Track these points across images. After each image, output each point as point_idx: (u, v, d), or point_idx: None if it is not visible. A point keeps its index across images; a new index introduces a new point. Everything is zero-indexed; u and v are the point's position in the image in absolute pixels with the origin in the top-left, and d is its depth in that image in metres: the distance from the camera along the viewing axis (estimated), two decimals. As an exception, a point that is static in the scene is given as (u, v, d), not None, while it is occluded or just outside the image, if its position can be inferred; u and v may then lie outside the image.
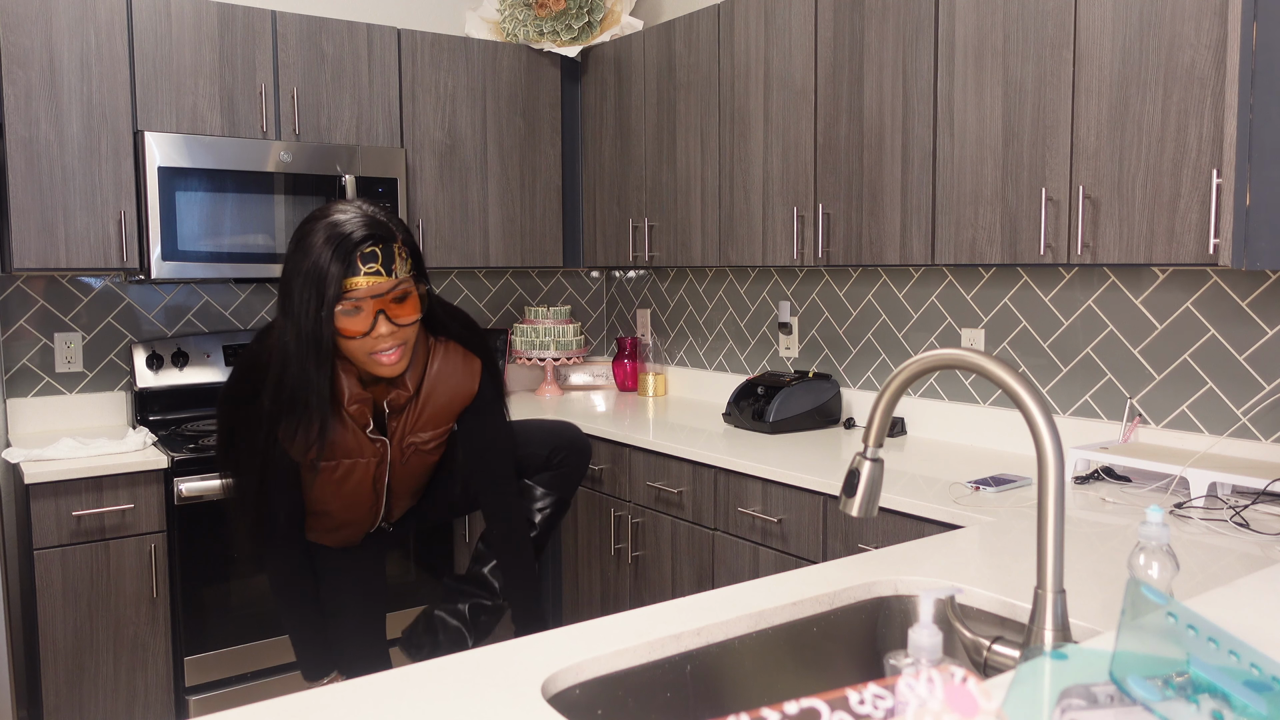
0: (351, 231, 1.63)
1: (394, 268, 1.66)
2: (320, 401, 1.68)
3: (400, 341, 1.69)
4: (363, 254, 1.62)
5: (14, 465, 2.90)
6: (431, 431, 1.92)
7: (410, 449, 1.92)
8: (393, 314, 1.66)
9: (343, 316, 1.64)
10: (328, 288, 1.60)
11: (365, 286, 1.62)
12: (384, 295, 1.65)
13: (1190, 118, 2.05)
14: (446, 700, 1.16)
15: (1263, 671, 0.89)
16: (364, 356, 1.68)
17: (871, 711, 0.62)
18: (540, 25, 3.76)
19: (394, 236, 1.68)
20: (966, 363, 1.21)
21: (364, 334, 1.65)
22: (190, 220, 3.05)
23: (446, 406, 1.92)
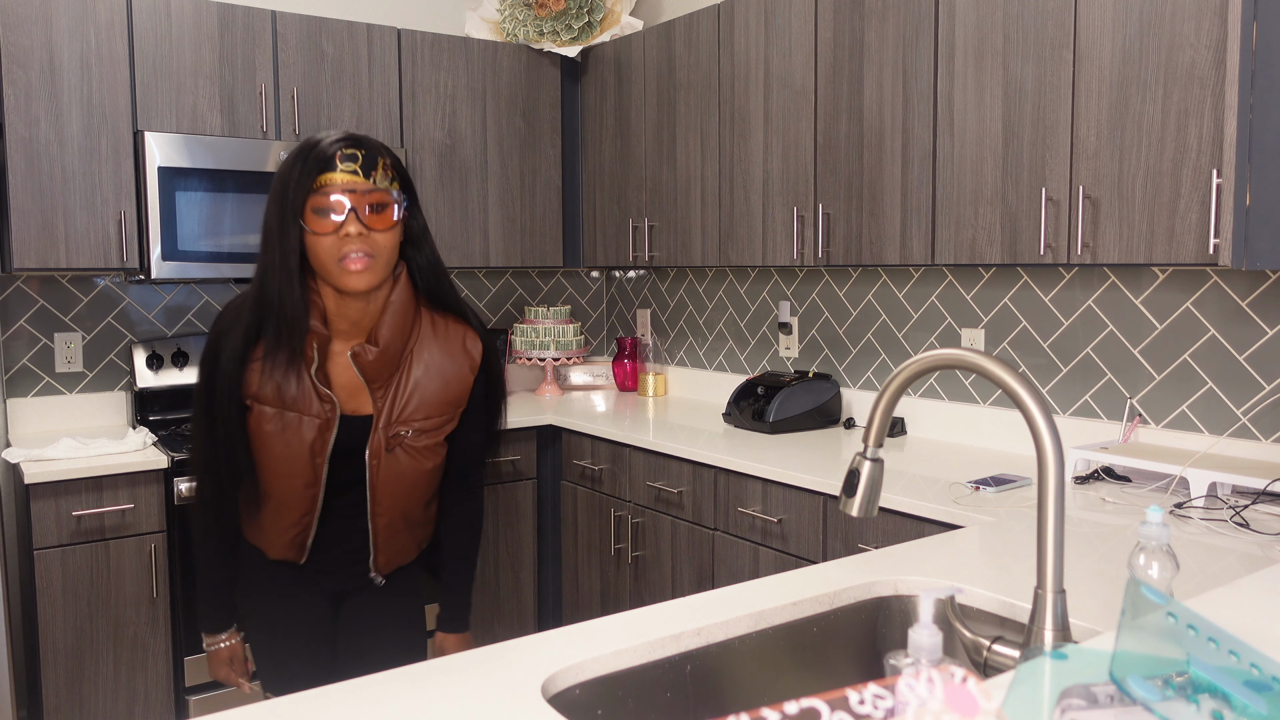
0: (329, 136, 1.58)
1: (374, 175, 1.58)
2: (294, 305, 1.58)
3: (370, 250, 1.56)
4: (342, 153, 1.56)
5: (14, 465, 2.90)
6: (420, 422, 1.72)
7: (396, 439, 1.71)
8: (366, 218, 1.56)
9: (314, 215, 1.55)
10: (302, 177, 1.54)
11: (340, 182, 1.54)
12: (359, 194, 1.55)
13: (1190, 118, 2.05)
14: (446, 700, 1.16)
15: (1263, 671, 0.89)
16: (332, 264, 1.56)
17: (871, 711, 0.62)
18: (540, 25, 3.76)
19: (380, 151, 1.61)
20: (966, 363, 1.21)
21: (331, 232, 1.54)
22: (190, 220, 3.04)
23: (438, 395, 1.73)
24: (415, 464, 1.74)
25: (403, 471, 1.73)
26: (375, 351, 1.66)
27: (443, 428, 1.75)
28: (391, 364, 1.69)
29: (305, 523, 1.72)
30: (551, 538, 3.63)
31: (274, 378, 1.62)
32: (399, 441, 1.71)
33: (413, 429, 1.72)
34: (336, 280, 1.58)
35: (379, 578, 1.84)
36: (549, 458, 3.59)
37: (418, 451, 1.74)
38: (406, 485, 1.75)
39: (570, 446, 3.47)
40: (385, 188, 1.59)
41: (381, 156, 1.60)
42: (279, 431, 1.65)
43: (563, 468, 3.53)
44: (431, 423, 1.73)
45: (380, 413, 1.70)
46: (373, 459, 1.71)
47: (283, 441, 1.65)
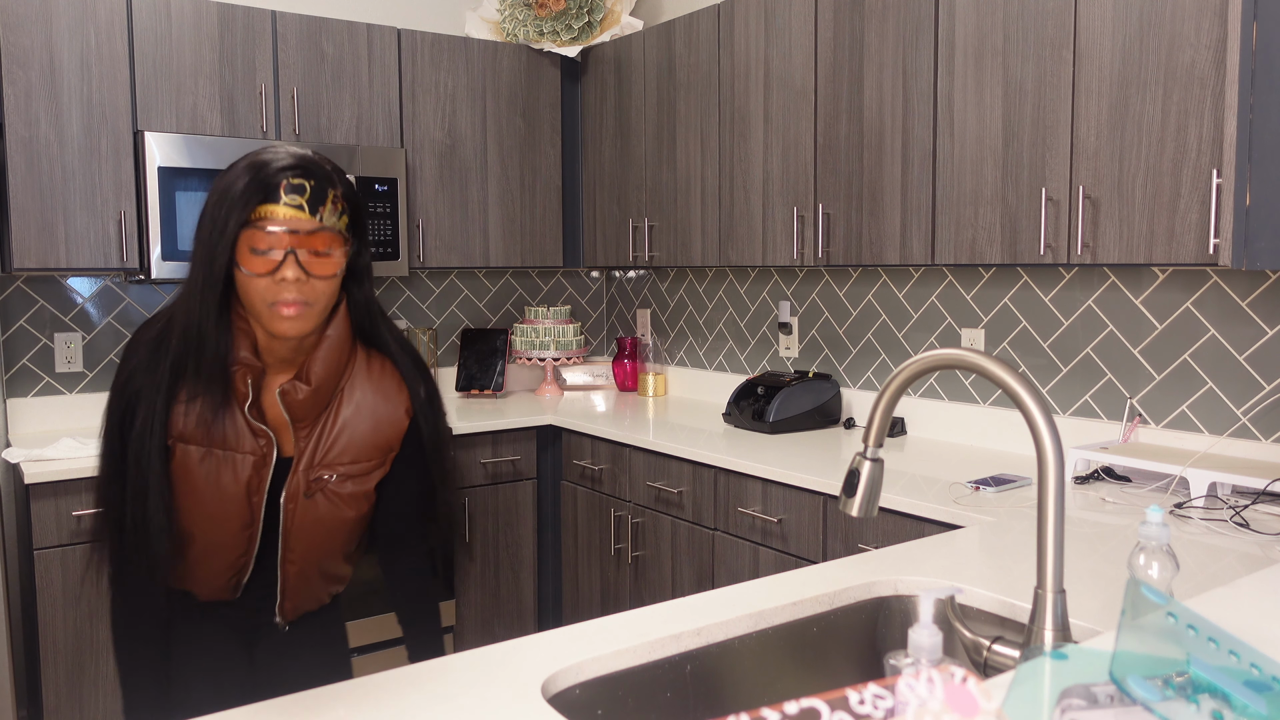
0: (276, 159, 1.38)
1: (321, 211, 1.38)
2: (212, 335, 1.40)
3: (306, 299, 1.38)
4: (288, 183, 1.36)
5: (14, 465, 2.90)
6: (347, 466, 1.55)
7: (318, 483, 1.54)
8: (306, 262, 1.37)
9: (249, 253, 1.36)
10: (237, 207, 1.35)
11: (281, 216, 1.35)
12: (300, 234, 1.36)
13: (1190, 118, 2.05)
14: (447, 700, 1.16)
15: (1263, 671, 0.89)
16: (263, 306, 1.38)
17: (871, 711, 0.62)
18: (540, 25, 3.76)
19: (331, 181, 1.41)
20: (966, 363, 1.21)
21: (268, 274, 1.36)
22: (190, 220, 3.04)
23: (368, 438, 1.56)
24: (335, 512, 1.57)
25: (320, 518, 1.56)
26: (306, 390, 1.50)
27: (371, 474, 1.58)
28: (321, 402, 1.53)
29: (242, 563, 1.57)
30: (551, 538, 3.63)
31: (203, 416, 1.45)
32: (320, 486, 1.55)
33: (337, 473, 1.55)
34: (265, 324, 1.41)
35: (284, 624, 1.69)
36: (549, 458, 3.59)
37: (340, 499, 1.56)
38: (322, 534, 1.58)
39: (570, 446, 3.47)
40: (332, 227, 1.40)
41: (332, 187, 1.41)
42: (210, 472, 1.48)
43: (563, 468, 3.53)
44: (359, 468, 1.56)
45: (302, 454, 1.53)
46: (289, 503, 1.53)
47: (214, 483, 1.48)
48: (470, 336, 4.00)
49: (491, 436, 3.44)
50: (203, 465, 1.47)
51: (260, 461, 1.50)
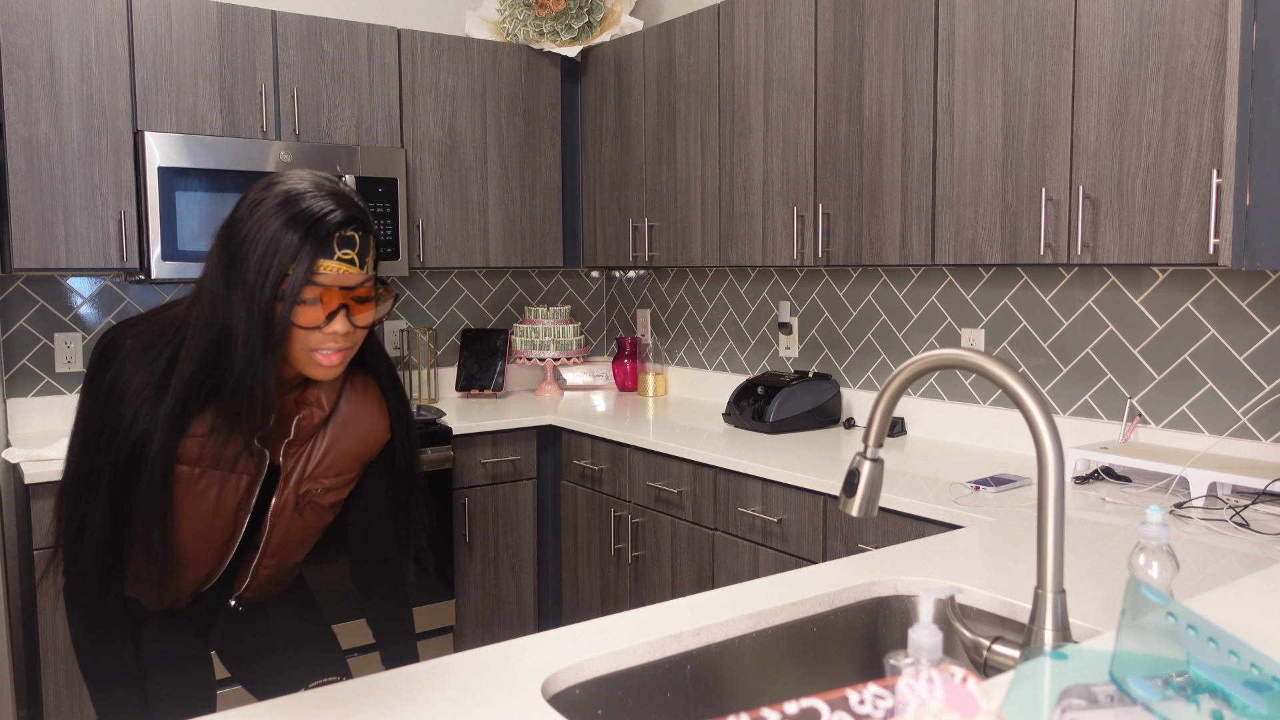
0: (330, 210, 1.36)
1: (367, 262, 1.39)
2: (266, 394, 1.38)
3: (349, 345, 1.40)
4: (341, 237, 1.35)
5: (14, 465, 2.90)
6: (333, 479, 1.58)
7: (307, 497, 1.57)
8: (354, 313, 1.38)
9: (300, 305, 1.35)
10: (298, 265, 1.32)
11: (335, 274, 1.35)
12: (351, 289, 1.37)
13: (1190, 118, 2.05)
14: (447, 700, 1.16)
15: (1263, 671, 0.89)
16: (303, 353, 1.38)
17: (871, 711, 0.62)
18: (540, 25, 3.76)
19: (370, 227, 1.42)
20: (966, 363, 1.21)
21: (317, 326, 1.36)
22: (190, 220, 3.05)
23: (354, 452, 1.60)
24: (317, 520, 1.61)
25: (304, 527, 1.60)
26: (321, 415, 1.54)
27: (349, 485, 1.62)
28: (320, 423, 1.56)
29: (210, 577, 1.58)
30: (551, 538, 3.63)
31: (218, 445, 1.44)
32: (308, 500, 1.57)
33: (323, 486, 1.58)
34: (302, 368, 1.40)
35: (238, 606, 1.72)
36: (549, 458, 3.59)
37: (322, 508, 1.60)
38: (299, 540, 1.63)
39: (570, 446, 3.47)
40: (373, 276, 1.41)
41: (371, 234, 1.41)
42: (202, 492, 1.47)
43: (563, 468, 3.53)
44: (340, 480, 1.60)
45: (292, 472, 1.54)
46: (275, 517, 1.56)
47: (205, 502, 1.48)
48: (470, 336, 4.00)
49: (491, 436, 3.44)
50: (198, 485, 1.46)
51: (253, 479, 1.50)
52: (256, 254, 1.34)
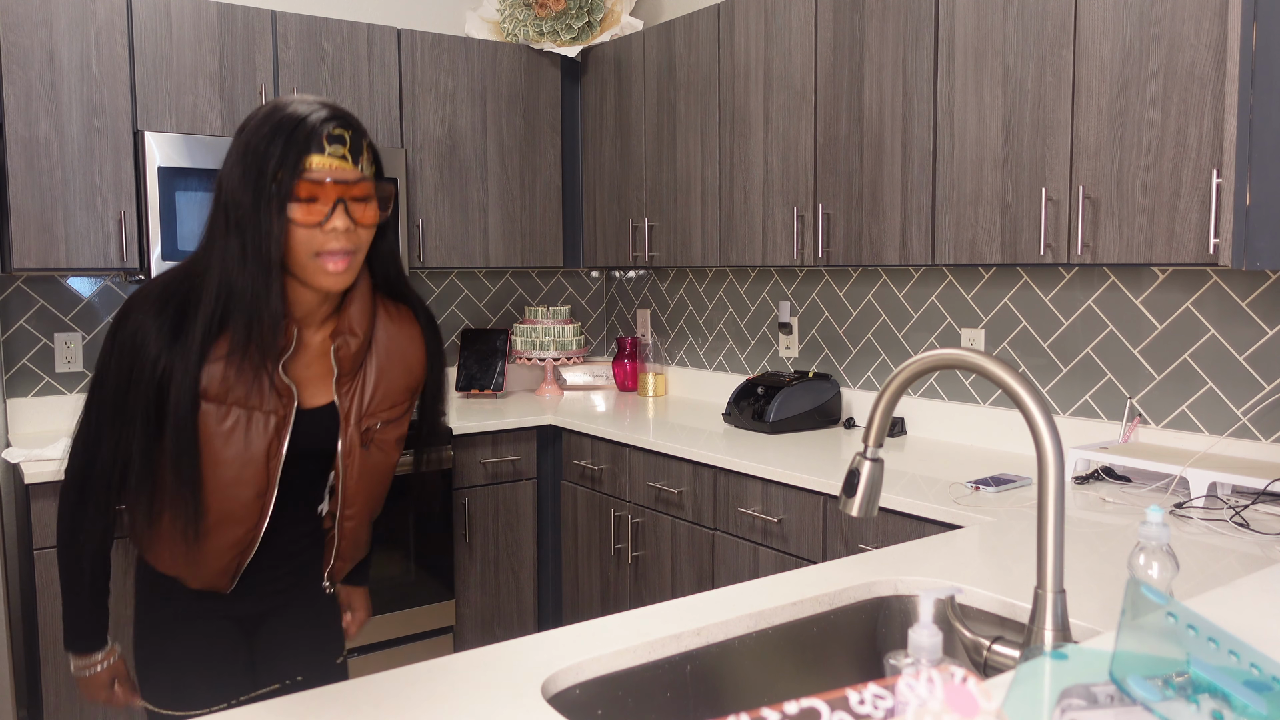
0: (312, 112, 1.36)
1: (362, 161, 1.39)
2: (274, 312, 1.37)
3: (352, 247, 1.38)
4: (330, 134, 1.35)
5: (14, 465, 2.90)
6: (388, 412, 1.56)
7: (369, 434, 1.54)
8: (353, 210, 1.37)
9: (295, 203, 1.34)
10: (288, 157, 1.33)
11: (328, 168, 1.34)
12: (346, 184, 1.35)
13: (1190, 118, 2.05)
14: (446, 700, 1.16)
15: (1263, 671, 0.89)
16: (308, 258, 1.36)
17: (871, 711, 0.62)
18: (540, 25, 3.76)
19: (363, 132, 1.41)
20: (966, 363, 1.21)
21: (318, 224, 1.34)
22: (190, 220, 3.05)
23: (402, 382, 1.58)
24: (386, 459, 1.58)
25: (374, 468, 1.57)
26: (357, 341, 1.49)
27: (405, 416, 1.60)
28: (361, 354, 1.52)
29: (249, 539, 1.49)
30: (551, 538, 3.63)
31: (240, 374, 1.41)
32: (372, 437, 1.54)
33: (381, 420, 1.55)
34: (309, 277, 1.39)
35: (330, 586, 1.67)
36: (549, 458, 3.59)
37: (390, 445, 1.58)
38: (374, 484, 1.58)
39: (570, 446, 3.47)
40: (370, 176, 1.41)
41: (364, 138, 1.42)
42: (228, 432, 1.42)
43: (563, 468, 3.54)
44: (396, 411, 1.57)
45: (350, 409, 1.51)
46: (346, 458, 1.52)
47: (232, 444, 1.42)
48: (470, 336, 4.00)
49: (491, 436, 3.44)
50: (222, 425, 1.41)
51: (281, 422, 1.45)
52: (247, 165, 1.36)
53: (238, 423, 1.42)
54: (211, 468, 1.42)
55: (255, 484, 1.45)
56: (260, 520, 1.49)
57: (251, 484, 1.45)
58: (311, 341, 1.49)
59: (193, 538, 1.44)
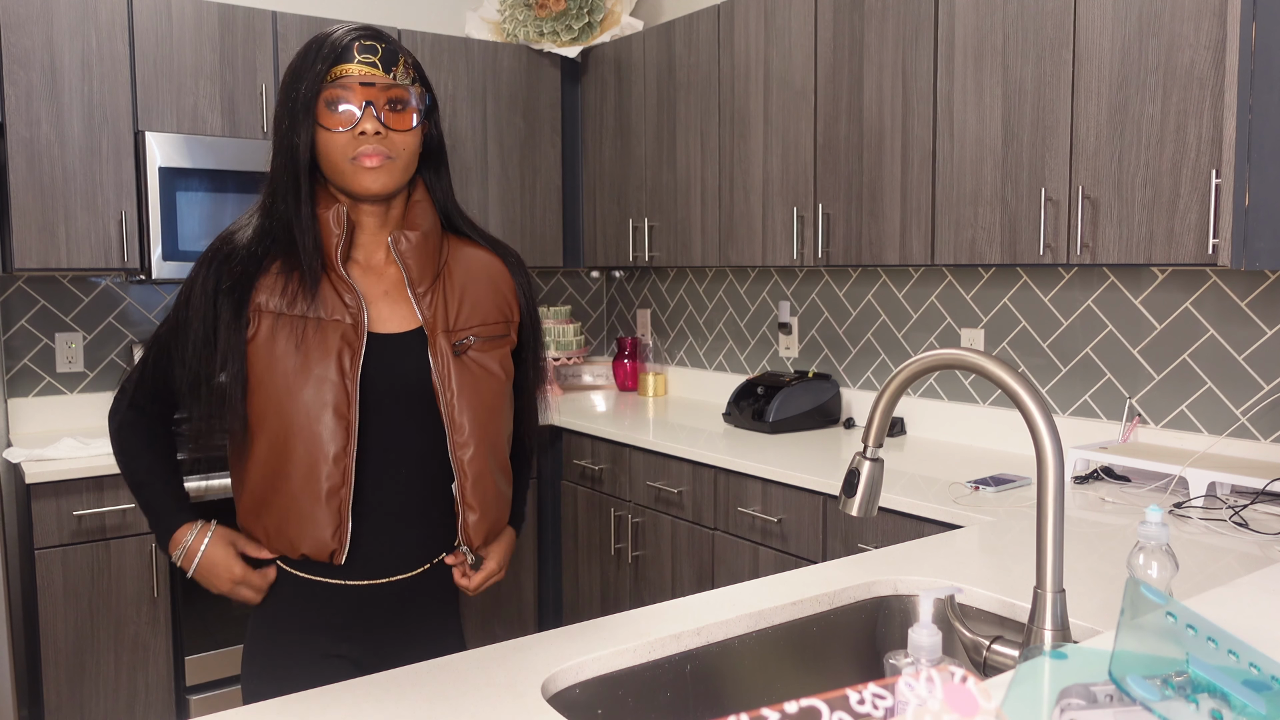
0: (342, 28, 1.39)
1: (395, 70, 1.37)
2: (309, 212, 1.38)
3: (387, 151, 1.36)
4: (360, 44, 1.36)
5: (15, 465, 2.90)
6: (478, 327, 1.46)
7: (465, 346, 1.44)
8: (385, 117, 1.36)
9: (327, 110, 1.35)
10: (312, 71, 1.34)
11: (356, 73, 1.34)
12: (377, 88, 1.35)
13: (1189, 118, 2.05)
14: (446, 699, 1.16)
15: (1262, 671, 0.89)
16: (344, 163, 1.36)
17: (871, 711, 0.62)
18: (540, 26, 3.76)
19: (401, 50, 1.40)
20: (966, 363, 1.21)
21: (347, 128, 1.34)
22: (191, 220, 3.05)
23: (490, 298, 1.49)
24: (491, 380, 1.45)
25: (478, 386, 1.44)
26: (416, 235, 1.42)
27: (504, 336, 1.50)
28: (433, 261, 1.45)
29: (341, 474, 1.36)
30: (551, 538, 3.63)
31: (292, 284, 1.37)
32: (465, 349, 1.44)
33: (472, 335, 1.46)
34: (349, 181, 1.37)
35: (470, 554, 1.49)
36: (549, 457, 3.59)
37: (491, 365, 1.46)
38: (482, 404, 1.44)
39: (570, 446, 3.47)
40: (405, 84, 1.38)
41: (402, 54, 1.40)
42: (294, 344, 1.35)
43: (563, 468, 3.54)
44: (489, 329, 1.48)
45: (434, 319, 1.43)
46: (440, 369, 1.41)
47: (299, 357, 1.35)
48: (470, 336, 4.00)
49: (492, 436, 3.44)
50: (284, 334, 1.36)
51: (351, 332, 1.37)
52: (285, 83, 1.38)
53: (302, 330, 1.36)
54: (282, 384, 1.35)
55: (334, 398, 1.36)
56: (348, 445, 1.37)
57: (329, 398, 1.35)
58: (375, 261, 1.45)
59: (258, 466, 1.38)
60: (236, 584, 1.42)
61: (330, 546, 1.39)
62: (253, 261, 1.39)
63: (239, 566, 1.43)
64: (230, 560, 1.43)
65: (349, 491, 1.38)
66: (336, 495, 1.38)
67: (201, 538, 1.44)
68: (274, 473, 1.38)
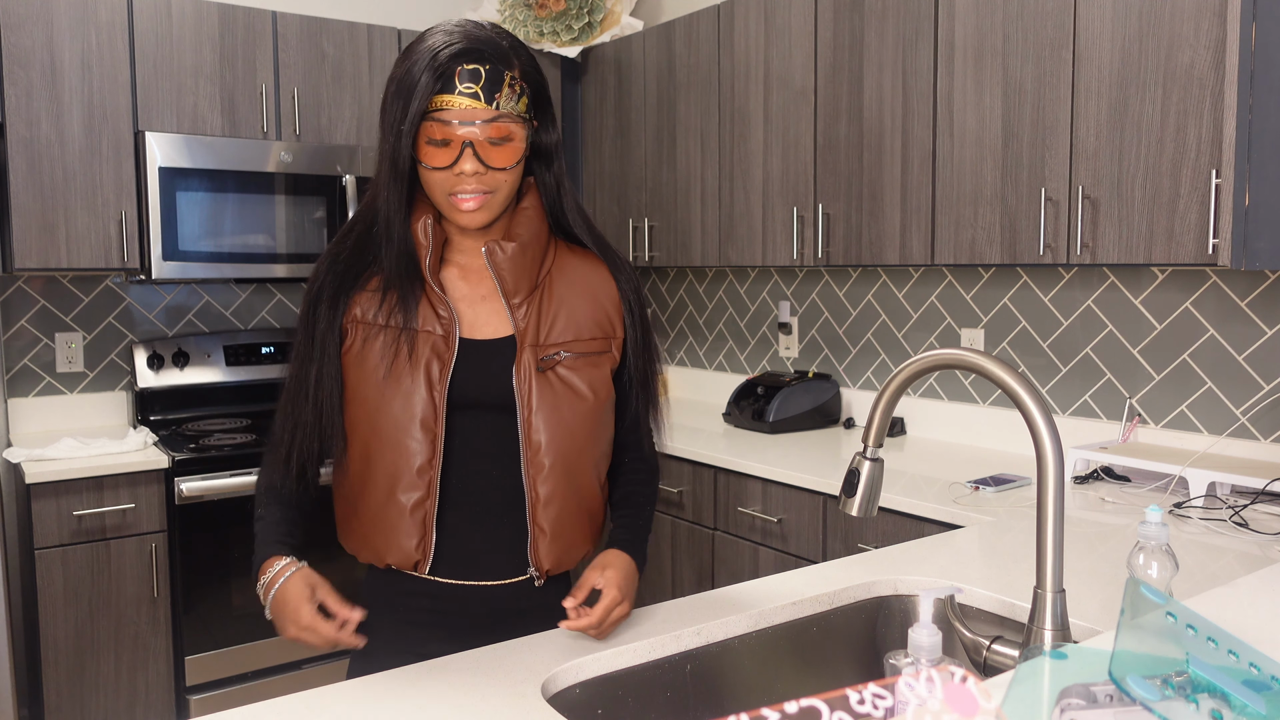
0: (451, 44, 1.31)
1: (498, 98, 1.31)
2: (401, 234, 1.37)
3: (486, 189, 1.33)
4: (462, 70, 1.30)
5: (15, 465, 2.90)
6: (571, 341, 1.41)
7: (549, 361, 1.39)
8: (484, 153, 1.31)
9: (425, 145, 1.32)
10: (413, 100, 1.30)
11: (456, 109, 1.30)
12: (477, 126, 1.30)
13: (1189, 118, 2.05)
14: (447, 699, 1.16)
15: (1262, 671, 0.89)
16: (443, 197, 1.35)
17: (871, 711, 0.62)
18: (540, 26, 3.76)
19: (508, 61, 1.33)
20: (966, 363, 1.21)
21: (445, 167, 1.32)
22: (191, 220, 3.05)
23: (588, 313, 1.44)
24: (579, 402, 1.40)
25: (559, 406, 1.39)
26: (512, 248, 1.39)
27: (603, 354, 1.44)
28: (531, 272, 1.42)
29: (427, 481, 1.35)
30: (552, 537, 3.63)
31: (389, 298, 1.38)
32: (552, 365, 1.40)
33: (563, 350, 1.41)
34: (448, 214, 1.37)
35: (539, 576, 1.42)
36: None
37: (581, 385, 1.41)
38: (567, 428, 1.39)
39: (570, 446, 3.46)
40: (511, 112, 1.33)
41: (509, 69, 1.33)
42: (385, 356, 1.36)
43: (563, 467, 3.53)
44: (584, 345, 1.42)
45: (525, 333, 1.40)
46: (521, 384, 1.38)
47: (389, 363, 1.36)
48: (470, 336, 4.00)
49: (492, 436, 3.43)
50: (374, 343, 1.36)
51: (442, 343, 1.37)
52: (388, 97, 1.35)
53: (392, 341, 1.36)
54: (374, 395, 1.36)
55: (422, 410, 1.35)
56: (433, 456, 1.36)
57: (416, 410, 1.35)
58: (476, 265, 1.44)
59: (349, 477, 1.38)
60: (301, 630, 1.32)
61: (414, 557, 1.38)
62: (349, 277, 1.40)
63: (308, 612, 1.32)
64: (300, 602, 1.33)
65: (434, 503, 1.37)
66: (421, 507, 1.36)
67: (283, 573, 1.36)
68: (363, 484, 1.38)
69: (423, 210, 1.40)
